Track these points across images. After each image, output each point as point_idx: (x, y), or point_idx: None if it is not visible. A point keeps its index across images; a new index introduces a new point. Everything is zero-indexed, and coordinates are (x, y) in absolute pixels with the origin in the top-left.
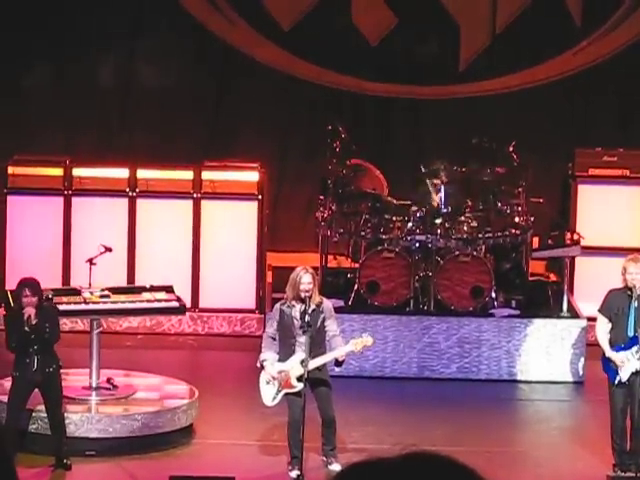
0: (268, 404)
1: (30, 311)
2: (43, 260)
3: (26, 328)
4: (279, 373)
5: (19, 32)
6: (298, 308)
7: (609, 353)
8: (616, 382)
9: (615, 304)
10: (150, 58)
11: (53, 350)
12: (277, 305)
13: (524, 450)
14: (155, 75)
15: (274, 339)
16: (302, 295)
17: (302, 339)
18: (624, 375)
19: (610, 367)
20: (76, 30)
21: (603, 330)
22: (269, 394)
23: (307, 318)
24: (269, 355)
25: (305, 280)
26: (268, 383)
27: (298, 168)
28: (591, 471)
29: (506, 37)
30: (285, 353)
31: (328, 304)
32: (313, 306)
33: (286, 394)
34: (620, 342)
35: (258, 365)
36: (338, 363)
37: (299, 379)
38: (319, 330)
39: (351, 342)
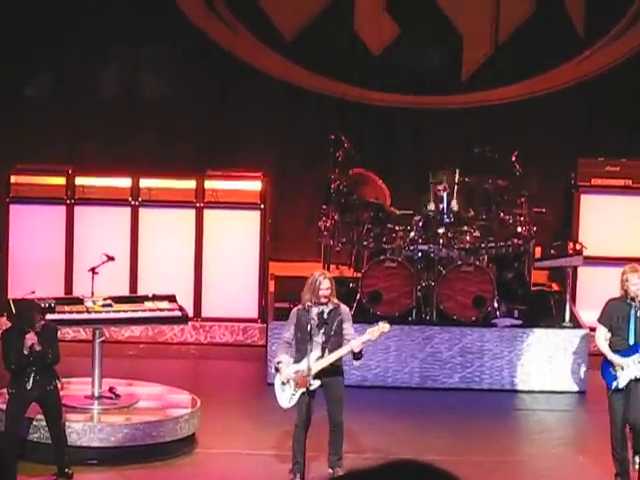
0: (285, 406)
1: (32, 339)
2: (45, 269)
3: (25, 352)
4: (295, 373)
5: (21, 41)
6: (315, 310)
7: (611, 356)
8: (613, 387)
9: (615, 313)
10: (153, 67)
11: (53, 369)
12: (294, 310)
13: (526, 460)
14: (158, 84)
15: (290, 344)
16: (321, 300)
17: (318, 338)
18: (622, 382)
19: (609, 372)
20: (79, 39)
21: (603, 338)
22: (286, 395)
23: (325, 317)
24: (284, 357)
25: (324, 286)
26: (284, 384)
27: (301, 177)
28: None
29: (509, 47)
30: (301, 355)
31: (345, 308)
32: (330, 307)
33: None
34: (620, 350)
35: (273, 368)
36: (356, 356)
37: (315, 377)
38: (336, 331)
39: (368, 331)
